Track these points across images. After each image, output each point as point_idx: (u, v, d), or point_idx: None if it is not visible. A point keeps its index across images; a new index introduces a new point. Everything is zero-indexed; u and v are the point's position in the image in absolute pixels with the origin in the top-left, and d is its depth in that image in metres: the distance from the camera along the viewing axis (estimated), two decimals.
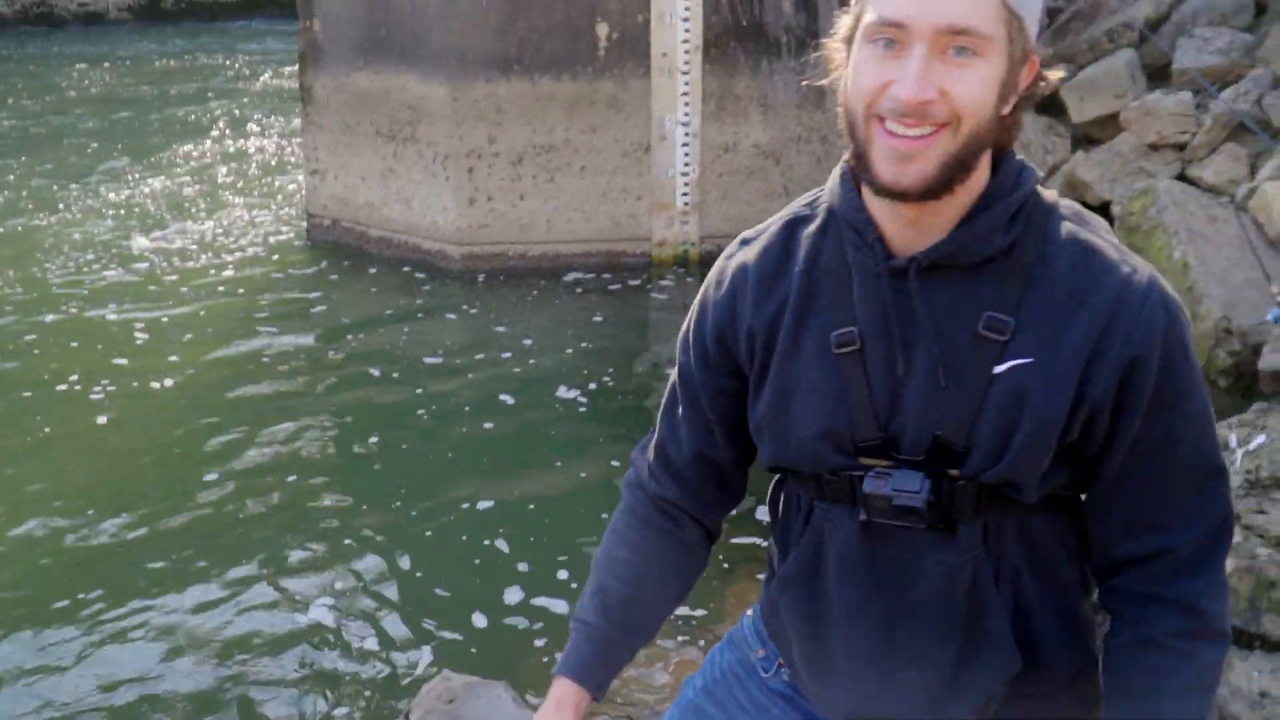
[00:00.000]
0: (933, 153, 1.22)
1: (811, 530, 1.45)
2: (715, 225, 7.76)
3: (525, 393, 5.87)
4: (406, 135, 7.86)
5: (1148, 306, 1.26)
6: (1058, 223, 1.32)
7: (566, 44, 7.43)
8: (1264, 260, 4.82)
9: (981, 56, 1.21)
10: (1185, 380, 1.30)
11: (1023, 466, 1.29)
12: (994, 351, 1.28)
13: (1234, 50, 7.06)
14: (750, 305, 1.42)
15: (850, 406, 1.34)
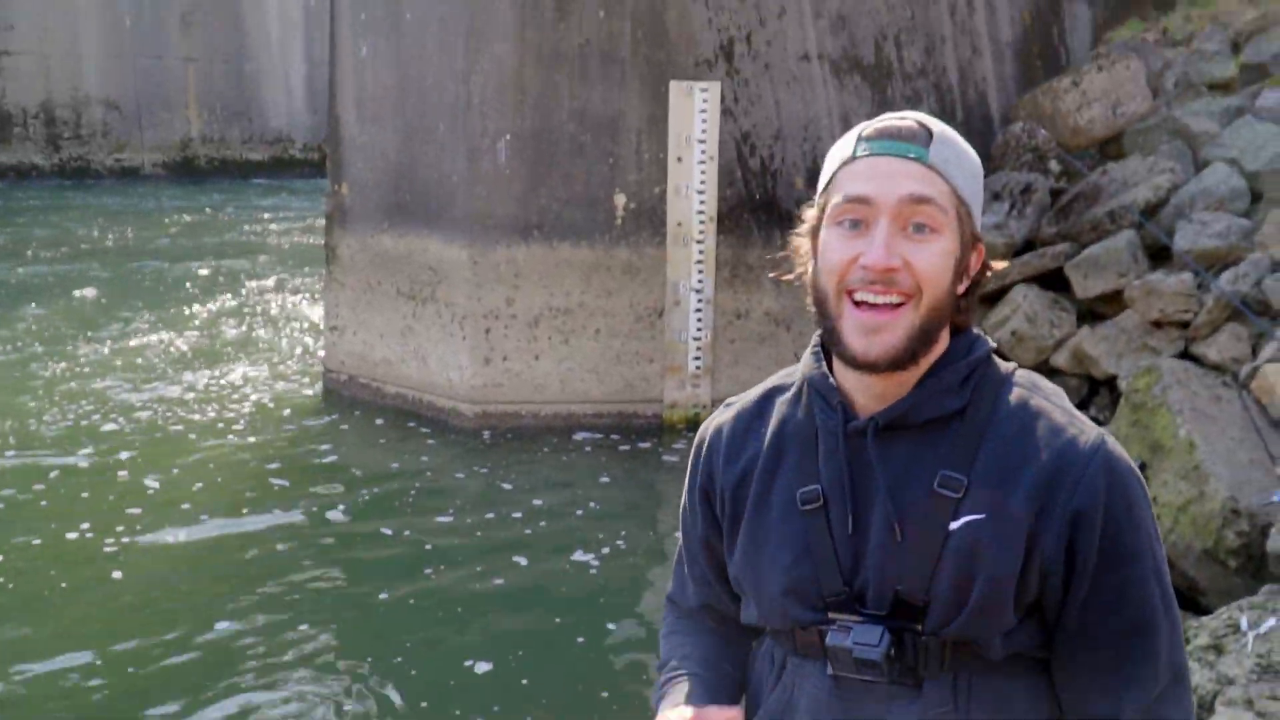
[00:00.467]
0: (899, 324, 1.34)
1: (783, 685, 1.49)
2: (727, 389, 7.86)
3: (536, 553, 5.86)
4: (426, 295, 8.07)
5: (1091, 465, 1.32)
6: (1010, 388, 1.41)
7: (585, 212, 7.71)
8: (1268, 441, 4.87)
9: (938, 232, 1.34)
10: (1135, 542, 1.33)
11: (981, 622, 1.33)
12: (948, 508, 1.34)
13: (1232, 234, 7.29)
14: (722, 464, 1.54)
15: (816, 562, 1.41)
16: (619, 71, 7.63)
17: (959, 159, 1.39)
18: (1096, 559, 1.32)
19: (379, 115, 8.35)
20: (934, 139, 1.37)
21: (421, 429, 7.79)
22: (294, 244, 17.02)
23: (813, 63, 8.26)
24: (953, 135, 1.41)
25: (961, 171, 1.38)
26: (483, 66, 7.64)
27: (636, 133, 7.68)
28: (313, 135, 26.70)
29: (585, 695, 4.48)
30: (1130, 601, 1.34)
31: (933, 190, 1.34)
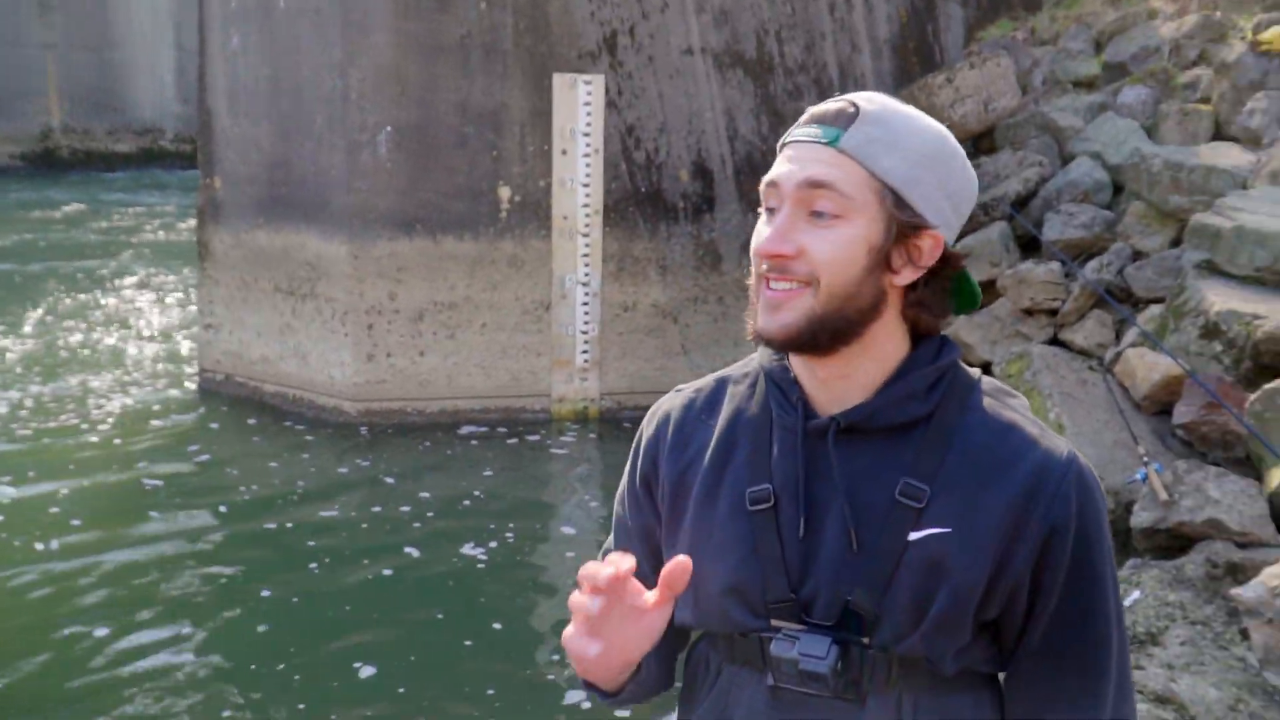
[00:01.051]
0: (796, 305, 1.29)
1: (717, 693, 1.41)
2: (615, 382, 7.88)
3: (423, 549, 5.78)
4: (306, 291, 7.88)
5: (1067, 481, 1.28)
6: (979, 397, 1.35)
7: (469, 206, 7.62)
8: (1130, 422, 5.08)
9: (843, 218, 1.27)
10: (1099, 558, 1.30)
11: (938, 639, 1.28)
12: (909, 518, 1.28)
13: (1096, 225, 7.59)
14: (668, 452, 1.45)
15: (762, 564, 1.33)
16: (501, 64, 7.56)
17: (893, 141, 1.29)
18: (1065, 576, 1.28)
19: (252, 107, 8.11)
20: (858, 120, 1.29)
21: (302, 428, 7.60)
22: (165, 240, 16.42)
23: (696, 56, 8.31)
24: (894, 116, 1.31)
25: (894, 154, 1.28)
26: (360, 58, 7.48)
27: (520, 125, 7.62)
28: (184, 126, 25.74)
29: (472, 695, 4.43)
30: (1093, 618, 1.31)
31: (835, 175, 1.27)
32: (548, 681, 4.51)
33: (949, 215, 1.32)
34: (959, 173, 1.33)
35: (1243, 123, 8.06)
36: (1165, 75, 9.30)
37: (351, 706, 4.33)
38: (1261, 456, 4.70)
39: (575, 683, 4.44)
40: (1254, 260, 5.80)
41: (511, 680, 4.54)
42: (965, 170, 1.34)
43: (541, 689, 4.48)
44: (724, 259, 8.37)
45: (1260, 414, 4.74)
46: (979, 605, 1.28)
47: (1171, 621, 3.92)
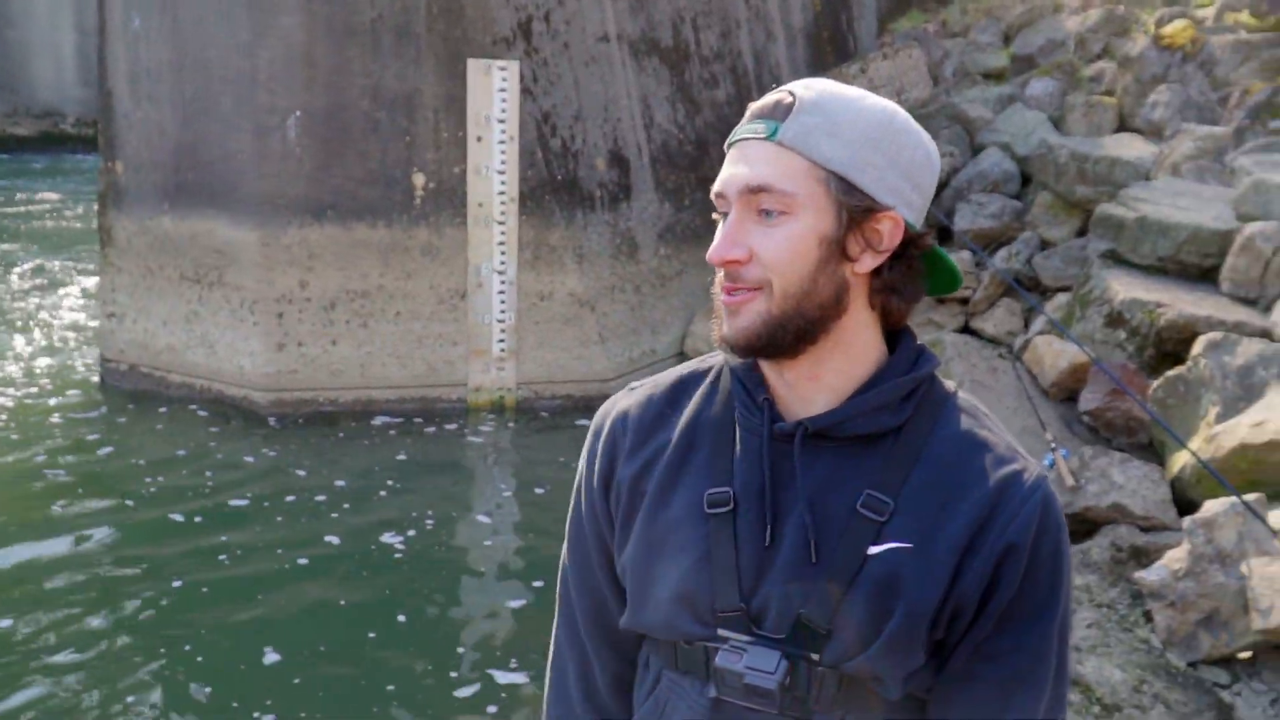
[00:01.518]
0: (752, 309, 1.24)
1: (655, 699, 1.37)
2: (532, 372, 7.81)
3: (335, 538, 5.67)
4: (213, 279, 7.66)
5: (1030, 502, 1.23)
6: (953, 412, 1.30)
7: (382, 192, 7.48)
8: (1038, 408, 5.18)
9: (790, 214, 1.23)
10: (1050, 590, 1.24)
11: (890, 658, 1.23)
12: (870, 531, 1.23)
13: (1005, 215, 7.73)
14: (626, 451, 1.39)
15: (714, 572, 1.28)
16: (414, 48, 7.42)
17: (832, 126, 1.23)
18: (1010, 599, 1.22)
19: (155, 90, 7.85)
20: (795, 109, 1.24)
21: (210, 418, 7.40)
22: (65, 227, 15.85)
23: (612, 43, 8.26)
24: (832, 100, 1.26)
25: (834, 139, 1.23)
26: (269, 40, 7.28)
27: (434, 111, 7.49)
28: (86, 110, 24.84)
29: (369, 686, 4.36)
30: (1027, 652, 1.24)
31: (775, 172, 1.22)
32: (446, 676, 4.46)
33: (908, 193, 1.26)
34: (911, 147, 1.27)
35: (1145, 115, 8.28)
36: (1071, 68, 9.51)
37: (253, 692, 4.29)
38: (1164, 442, 4.84)
39: (470, 676, 4.40)
40: (1156, 250, 5.96)
41: (410, 672, 4.49)
42: (920, 144, 1.28)
43: (439, 681, 4.42)
44: (641, 248, 8.34)
45: (1162, 400, 4.87)
46: (931, 625, 1.23)
47: (1078, 605, 4.01)
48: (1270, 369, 4.58)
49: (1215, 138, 7.30)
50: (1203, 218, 5.95)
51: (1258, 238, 5.50)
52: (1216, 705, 3.53)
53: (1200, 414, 4.68)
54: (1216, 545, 3.74)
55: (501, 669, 4.49)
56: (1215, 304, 5.47)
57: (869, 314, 1.29)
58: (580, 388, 7.85)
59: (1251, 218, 5.75)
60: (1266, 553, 3.69)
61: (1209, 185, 6.73)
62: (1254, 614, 3.50)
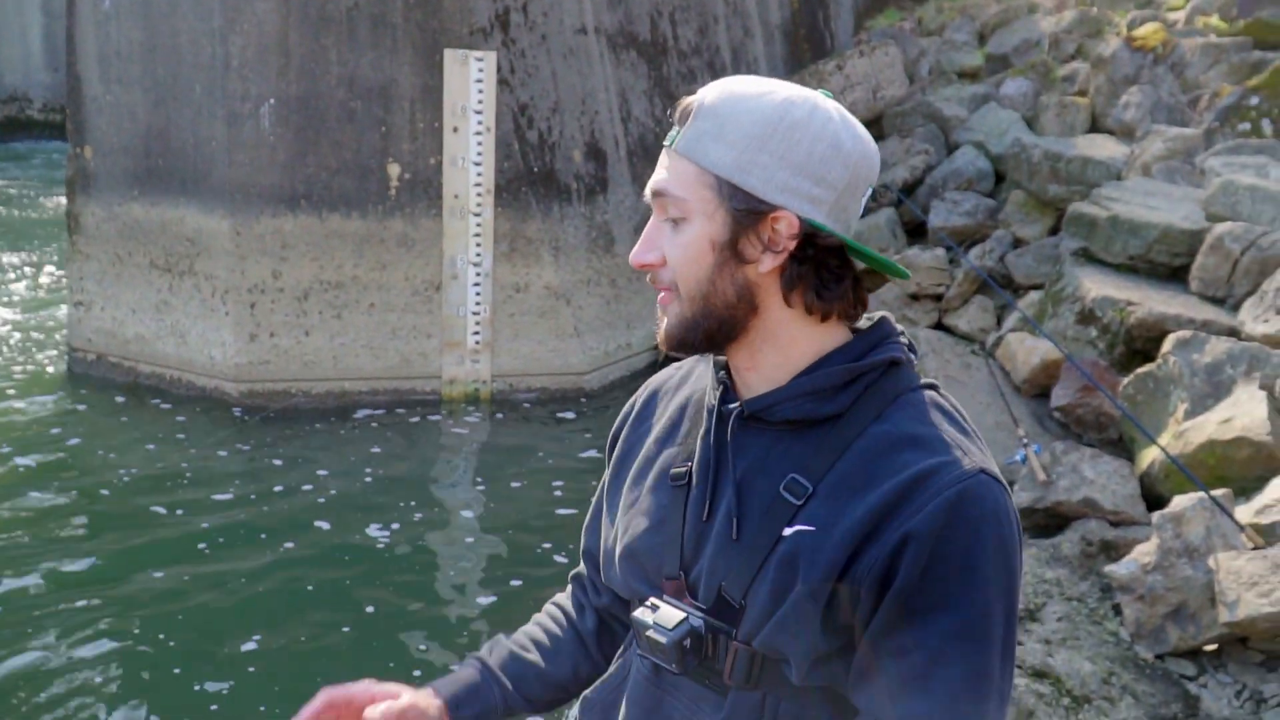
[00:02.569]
0: (670, 310, 1.31)
1: (623, 660, 1.46)
2: (507, 364, 7.79)
3: (312, 530, 5.63)
4: (184, 268, 7.59)
5: (942, 496, 1.17)
6: (904, 407, 1.27)
7: (357, 183, 7.43)
8: (1010, 404, 5.23)
9: (687, 219, 1.28)
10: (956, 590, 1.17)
11: (785, 638, 1.24)
12: (787, 513, 1.26)
13: (979, 212, 7.79)
14: (632, 422, 1.53)
15: (663, 538, 1.37)
16: (390, 37, 7.38)
17: (718, 130, 1.25)
18: (905, 593, 1.17)
19: (126, 74, 7.76)
20: (694, 115, 1.27)
21: (181, 409, 7.33)
22: (32, 214, 15.65)
23: (590, 36, 8.24)
24: (726, 101, 1.26)
25: (720, 143, 1.24)
26: (242, 26, 7.21)
27: (410, 101, 7.45)
28: (54, 95, 24.51)
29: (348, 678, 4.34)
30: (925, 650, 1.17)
31: (669, 180, 1.28)
32: (416, 670, 4.44)
33: (806, 189, 1.23)
34: (809, 141, 1.23)
35: (1117, 116, 8.36)
36: (1045, 68, 9.59)
37: (229, 681, 4.31)
38: (1133, 438, 4.89)
39: (441, 670, 4.39)
40: (1127, 249, 6.02)
41: (381, 666, 4.47)
42: (819, 136, 1.24)
43: (409, 677, 4.41)
44: (617, 241, 8.34)
45: (1132, 397, 4.93)
46: (826, 611, 1.22)
47: (1049, 598, 4.05)
48: (1238, 367, 4.64)
49: (1185, 139, 7.38)
50: (1173, 217, 6.02)
51: (1226, 238, 5.57)
52: (1183, 697, 3.58)
53: (1169, 410, 4.74)
54: (1184, 540, 3.79)
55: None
56: (1184, 302, 5.54)
57: (789, 310, 1.29)
58: (555, 381, 7.84)
59: (1220, 218, 5.83)
60: (1233, 547, 3.74)
61: (1179, 186, 6.81)
62: (1220, 607, 3.55)
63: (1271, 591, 3.42)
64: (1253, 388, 4.47)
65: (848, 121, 1.27)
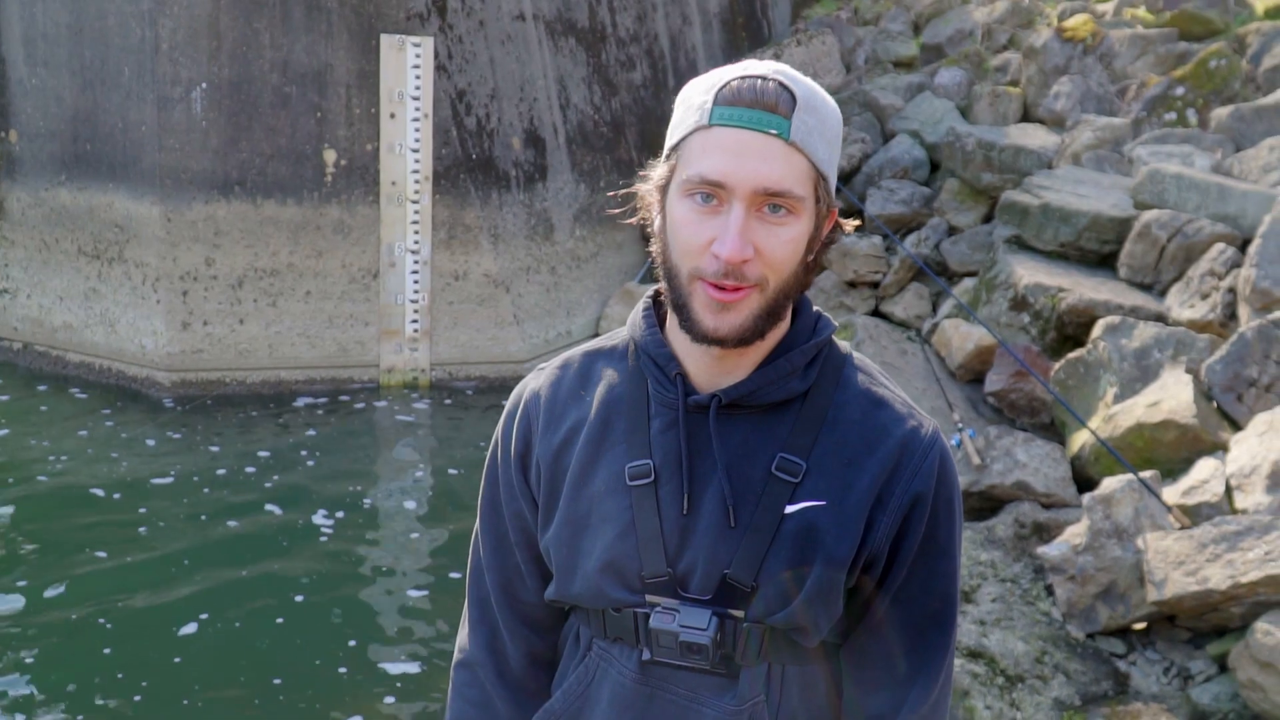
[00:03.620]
0: (745, 305, 1.26)
1: (585, 667, 1.42)
2: (446, 352, 7.74)
3: (247, 518, 5.55)
4: (113, 255, 7.42)
5: (930, 455, 1.32)
6: (852, 372, 1.38)
7: (292, 169, 7.32)
8: (946, 389, 5.31)
9: (795, 215, 1.25)
10: (948, 534, 1.35)
11: (812, 610, 1.30)
12: (786, 492, 1.30)
13: (914, 201, 7.88)
14: (541, 431, 1.43)
15: (638, 540, 1.33)
16: (325, 22, 7.27)
17: (822, 125, 1.26)
18: (919, 547, 1.32)
19: (52, 57, 7.55)
20: (797, 106, 1.24)
21: (111, 398, 7.18)
22: None
23: (528, 22, 8.19)
24: (816, 96, 1.27)
25: (823, 140, 1.26)
26: (172, 8, 7.06)
27: (346, 87, 7.35)
28: None
29: (284, 666, 4.30)
30: (935, 594, 1.35)
31: (791, 176, 1.22)
32: (340, 661, 4.41)
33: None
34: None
35: (1048, 105, 8.51)
36: (978, 58, 9.72)
37: (164, 663, 4.29)
38: (1065, 422, 5.00)
39: (370, 658, 4.37)
40: (1058, 236, 6.14)
41: (310, 656, 4.44)
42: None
43: (331, 668, 4.38)
44: (556, 228, 8.31)
45: (1064, 381, 5.04)
46: (846, 576, 1.31)
47: (983, 580, 4.13)
48: (1165, 351, 4.77)
49: (1114, 128, 7.54)
50: (1102, 205, 6.15)
51: (1153, 225, 5.71)
52: (1113, 674, 3.68)
53: (1099, 394, 4.85)
54: (1114, 521, 3.89)
55: (403, 653, 4.46)
56: (1114, 289, 5.67)
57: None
58: (495, 369, 7.81)
59: (1147, 206, 5.97)
60: (1161, 527, 3.84)
61: (1108, 174, 6.96)
62: (1149, 586, 3.65)
63: (1198, 570, 3.52)
64: (1179, 372, 4.59)
65: None
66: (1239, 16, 9.01)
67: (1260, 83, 7.70)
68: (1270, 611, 3.41)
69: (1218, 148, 6.80)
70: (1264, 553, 3.43)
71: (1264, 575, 3.38)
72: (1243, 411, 4.39)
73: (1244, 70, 7.74)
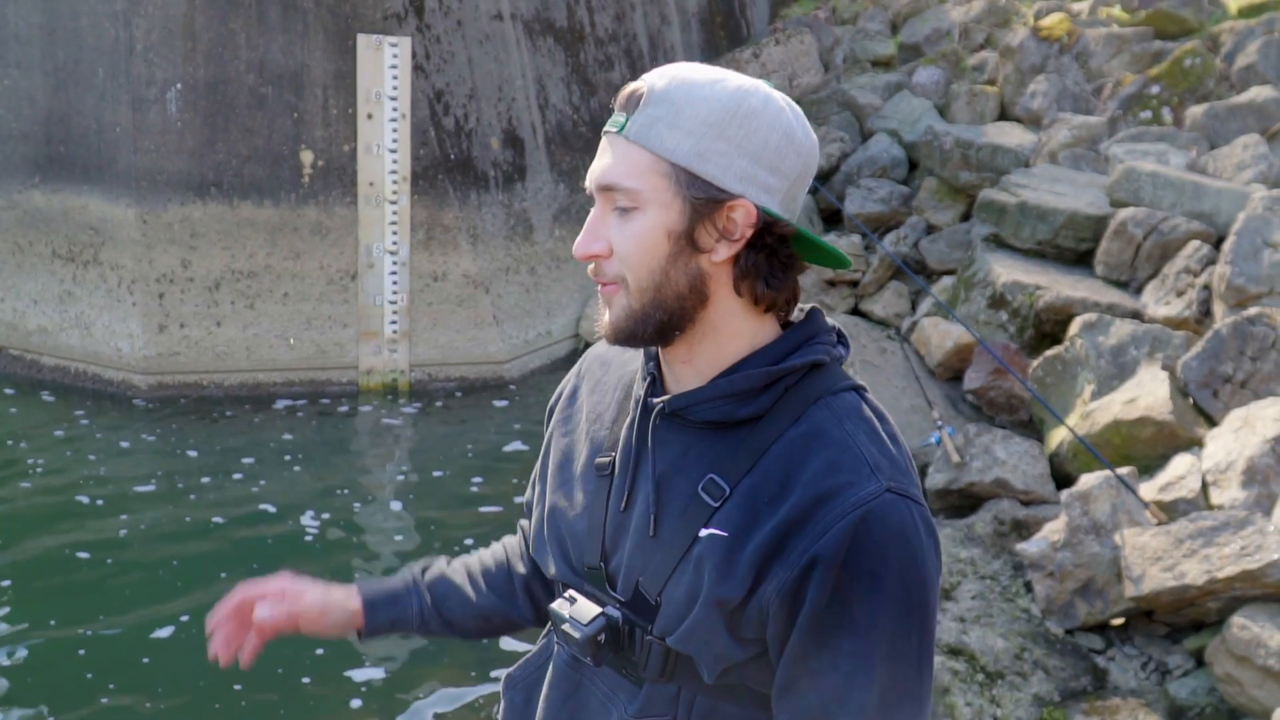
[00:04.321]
0: (616, 303, 1.26)
1: (546, 641, 1.47)
2: (425, 354, 7.71)
3: (229, 521, 5.52)
4: (88, 258, 7.36)
5: (847, 518, 1.16)
6: (822, 409, 1.25)
7: (269, 170, 7.27)
8: (925, 388, 5.33)
9: (639, 209, 1.22)
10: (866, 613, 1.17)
11: (694, 642, 1.25)
12: (704, 514, 1.25)
13: (893, 200, 7.91)
14: (568, 396, 1.51)
15: (587, 527, 1.36)
16: (301, 22, 7.23)
17: (674, 117, 1.21)
18: (816, 617, 1.18)
19: (25, 57, 7.48)
20: (643, 102, 1.23)
21: (87, 402, 7.12)
22: None
23: (506, 22, 8.17)
24: (680, 89, 1.23)
25: (676, 130, 1.21)
26: (146, 8, 7.00)
27: (323, 87, 7.31)
28: None
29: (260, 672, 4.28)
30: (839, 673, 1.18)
31: (623, 168, 1.22)
32: (308, 669, 4.39)
33: (762, 178, 1.22)
34: (765, 129, 1.22)
35: (1025, 104, 8.55)
36: (955, 57, 9.76)
37: (143, 665, 4.30)
38: (1043, 419, 5.03)
39: (345, 667, 4.35)
40: (1036, 234, 6.17)
41: (301, 650, 4.42)
42: (776, 126, 1.23)
43: (301, 676, 4.36)
44: (536, 229, 8.30)
45: (1041, 379, 5.06)
46: (734, 622, 1.23)
47: (963, 577, 4.14)
48: (1141, 348, 4.79)
49: (1090, 127, 7.59)
50: (1078, 203, 6.19)
51: (1129, 223, 5.75)
52: (1092, 670, 3.70)
53: (1077, 392, 4.88)
54: (1092, 517, 3.91)
55: (376, 662, 4.43)
56: (1090, 286, 5.70)
57: (737, 300, 1.27)
58: (475, 370, 7.78)
59: (1124, 204, 6.00)
60: (1138, 524, 3.87)
61: (1084, 172, 7.00)
62: (1126, 582, 3.67)
63: (1174, 566, 3.54)
64: (1155, 368, 4.62)
65: (797, 112, 1.27)
66: (1213, 15, 9.08)
67: (1234, 81, 7.76)
68: (1246, 606, 3.44)
69: (1192, 146, 6.85)
70: (1240, 548, 3.45)
71: (1240, 570, 3.41)
72: (1218, 408, 4.42)
73: (1218, 69, 7.80)
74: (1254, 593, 3.44)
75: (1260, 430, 3.96)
